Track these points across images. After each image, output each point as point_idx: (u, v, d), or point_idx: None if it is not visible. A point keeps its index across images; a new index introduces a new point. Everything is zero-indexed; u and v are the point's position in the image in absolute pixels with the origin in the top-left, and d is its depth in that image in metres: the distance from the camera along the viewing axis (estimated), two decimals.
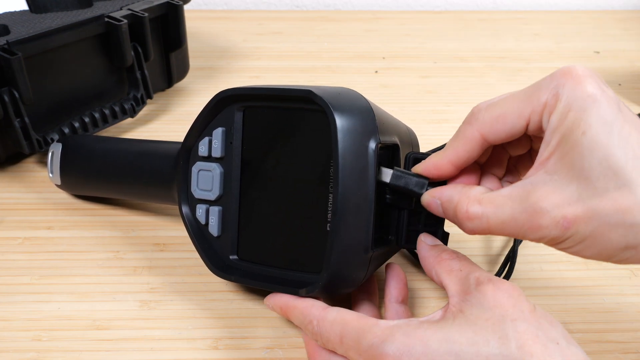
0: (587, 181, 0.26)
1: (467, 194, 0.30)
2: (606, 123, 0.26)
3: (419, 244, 0.34)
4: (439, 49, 0.81)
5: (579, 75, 0.27)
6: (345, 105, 0.31)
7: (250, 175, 0.36)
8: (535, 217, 0.27)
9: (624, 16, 0.94)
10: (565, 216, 0.26)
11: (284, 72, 0.73)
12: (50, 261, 0.42)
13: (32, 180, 0.52)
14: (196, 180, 0.38)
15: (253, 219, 0.36)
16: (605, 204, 0.25)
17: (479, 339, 0.26)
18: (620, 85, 0.70)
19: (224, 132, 0.36)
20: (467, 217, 0.30)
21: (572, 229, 0.26)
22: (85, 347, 0.36)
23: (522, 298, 0.28)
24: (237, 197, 0.37)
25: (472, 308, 0.28)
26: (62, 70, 0.52)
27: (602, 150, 0.25)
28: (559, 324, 0.28)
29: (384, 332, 0.28)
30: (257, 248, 0.36)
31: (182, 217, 0.38)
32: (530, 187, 0.28)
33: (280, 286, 0.34)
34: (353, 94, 0.33)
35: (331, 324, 0.30)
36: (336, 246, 0.31)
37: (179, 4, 0.59)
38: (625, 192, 0.25)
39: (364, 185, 0.31)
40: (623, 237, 0.26)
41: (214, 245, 0.38)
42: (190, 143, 0.38)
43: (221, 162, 0.37)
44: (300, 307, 0.32)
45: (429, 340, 0.27)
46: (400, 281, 0.36)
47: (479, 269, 0.31)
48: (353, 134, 0.31)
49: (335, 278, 0.32)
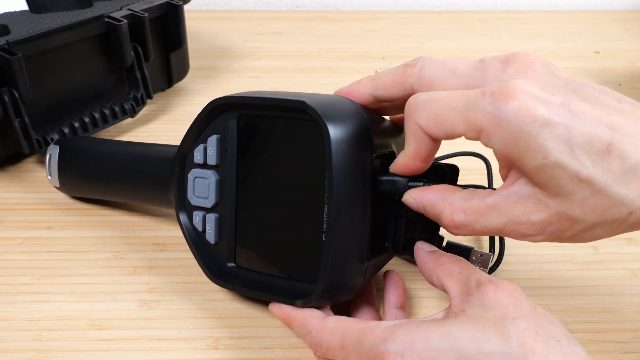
0: (565, 196, 0.26)
1: (451, 201, 0.30)
2: (564, 140, 0.25)
3: (417, 252, 0.34)
4: (439, 49, 0.81)
5: (517, 91, 0.25)
6: (339, 116, 0.31)
7: (245, 183, 0.36)
8: (522, 227, 0.28)
9: (624, 16, 0.94)
10: (551, 226, 0.27)
11: (284, 72, 0.73)
12: (50, 261, 0.42)
13: (32, 180, 0.52)
14: (192, 187, 0.37)
15: (249, 227, 0.36)
16: (586, 211, 0.26)
17: (480, 336, 0.27)
18: (620, 85, 0.70)
19: (218, 140, 0.36)
20: (453, 225, 0.30)
21: (559, 233, 0.27)
22: (85, 347, 0.36)
23: (522, 298, 0.28)
24: (234, 205, 0.36)
25: (474, 308, 0.28)
26: (62, 70, 0.52)
27: (569, 169, 0.25)
28: (560, 323, 0.28)
29: (384, 332, 0.28)
30: (254, 256, 0.36)
31: (180, 223, 0.38)
32: (515, 198, 0.28)
33: (277, 296, 0.34)
34: (348, 103, 0.33)
35: (331, 332, 0.30)
36: (331, 258, 0.31)
37: (179, 4, 0.59)
38: (601, 195, 0.26)
39: (359, 197, 0.31)
40: (612, 231, 0.27)
41: (211, 252, 0.38)
42: (186, 150, 0.37)
43: (217, 170, 0.36)
44: (299, 318, 0.32)
45: (430, 337, 0.27)
46: (399, 287, 0.36)
47: (478, 271, 0.31)
48: (347, 146, 0.30)
49: (332, 288, 0.32)
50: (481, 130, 0.27)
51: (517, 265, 0.42)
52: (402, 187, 0.32)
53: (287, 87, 0.69)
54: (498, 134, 0.26)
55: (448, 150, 0.51)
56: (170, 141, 0.41)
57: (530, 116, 0.25)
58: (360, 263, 0.32)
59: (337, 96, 0.34)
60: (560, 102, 0.26)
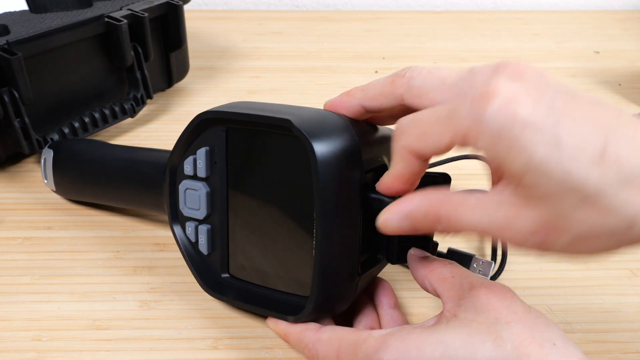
0: (553, 203, 0.24)
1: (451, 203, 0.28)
2: (550, 143, 0.23)
3: (410, 258, 0.34)
4: (439, 49, 0.81)
5: (498, 93, 0.24)
6: (326, 133, 0.30)
7: (236, 195, 0.35)
8: (507, 233, 0.26)
9: (624, 16, 0.94)
10: (536, 235, 0.25)
11: (284, 72, 0.73)
12: (50, 261, 0.42)
13: (32, 180, 0.52)
14: (184, 198, 0.37)
15: (241, 239, 0.36)
16: (576, 221, 0.24)
17: (473, 342, 0.26)
18: (620, 85, 0.70)
19: (207, 152, 0.35)
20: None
21: (547, 244, 0.25)
22: (85, 347, 0.36)
23: (515, 300, 0.28)
24: (225, 217, 0.36)
25: (466, 312, 0.28)
26: (62, 70, 0.52)
27: (555, 173, 0.23)
28: (556, 325, 0.28)
29: (377, 341, 0.28)
30: (247, 268, 0.36)
31: (173, 233, 0.38)
32: (498, 201, 0.26)
33: (270, 310, 0.34)
34: (335, 120, 0.32)
35: (326, 343, 0.31)
36: (322, 274, 0.31)
37: (179, 4, 0.59)
38: (593, 204, 0.23)
39: (348, 214, 0.31)
40: (610, 245, 0.24)
41: (205, 262, 0.38)
42: (175, 161, 0.37)
43: (207, 182, 0.36)
44: (295, 332, 0.32)
45: (423, 344, 0.27)
46: (387, 288, 0.36)
47: (471, 274, 0.31)
48: (334, 164, 0.30)
49: (323, 304, 0.32)
50: (466, 135, 0.25)
51: (517, 265, 0.42)
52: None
53: (287, 87, 0.69)
54: (481, 137, 0.25)
55: (450, 154, 0.50)
56: (170, 141, 0.41)
57: (511, 116, 0.24)
58: (351, 278, 0.32)
59: (325, 111, 0.33)
60: (547, 104, 0.24)
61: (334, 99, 0.34)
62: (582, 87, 0.70)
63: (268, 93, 0.68)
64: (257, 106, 0.34)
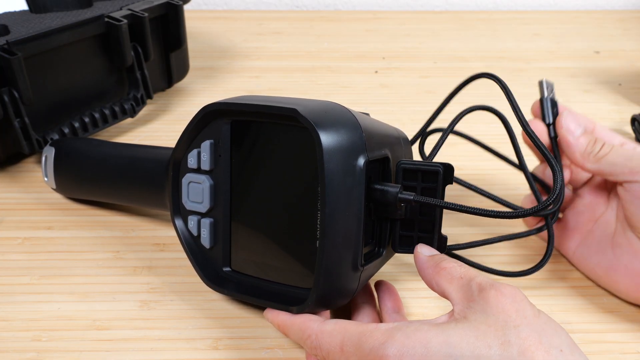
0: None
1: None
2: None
3: (416, 256, 0.33)
4: (439, 49, 0.81)
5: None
6: (331, 123, 0.31)
7: (239, 188, 0.36)
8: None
9: (624, 16, 0.94)
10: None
11: (284, 72, 0.73)
12: (50, 261, 0.42)
13: (32, 180, 0.52)
14: (187, 192, 0.37)
15: (244, 231, 0.36)
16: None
17: (480, 344, 0.26)
18: (620, 85, 0.70)
19: (212, 145, 0.36)
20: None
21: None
22: (85, 347, 0.36)
23: (525, 303, 0.28)
24: (228, 210, 0.36)
25: (476, 314, 0.28)
26: (62, 70, 0.52)
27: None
28: (564, 331, 0.28)
29: (383, 335, 0.28)
30: (249, 261, 0.36)
31: (175, 227, 0.38)
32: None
33: (272, 302, 0.34)
34: (340, 110, 0.32)
35: (330, 335, 0.30)
36: (325, 265, 0.31)
37: (179, 4, 0.59)
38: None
39: (352, 205, 0.31)
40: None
41: (206, 256, 0.38)
42: (179, 154, 0.37)
43: (211, 175, 0.36)
44: (297, 323, 0.32)
45: (430, 343, 0.27)
46: (392, 293, 0.36)
47: (479, 274, 0.30)
48: (340, 153, 0.30)
49: (326, 295, 0.32)
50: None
51: (517, 265, 0.42)
52: (392, 197, 0.32)
53: (287, 87, 0.69)
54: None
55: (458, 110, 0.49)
56: (170, 141, 0.41)
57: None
58: (354, 269, 0.32)
59: (330, 102, 0.33)
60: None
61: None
62: (582, 87, 0.70)
63: (268, 93, 0.68)
64: (263, 98, 0.34)
